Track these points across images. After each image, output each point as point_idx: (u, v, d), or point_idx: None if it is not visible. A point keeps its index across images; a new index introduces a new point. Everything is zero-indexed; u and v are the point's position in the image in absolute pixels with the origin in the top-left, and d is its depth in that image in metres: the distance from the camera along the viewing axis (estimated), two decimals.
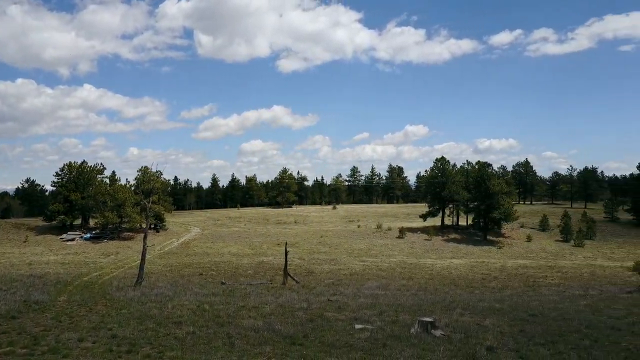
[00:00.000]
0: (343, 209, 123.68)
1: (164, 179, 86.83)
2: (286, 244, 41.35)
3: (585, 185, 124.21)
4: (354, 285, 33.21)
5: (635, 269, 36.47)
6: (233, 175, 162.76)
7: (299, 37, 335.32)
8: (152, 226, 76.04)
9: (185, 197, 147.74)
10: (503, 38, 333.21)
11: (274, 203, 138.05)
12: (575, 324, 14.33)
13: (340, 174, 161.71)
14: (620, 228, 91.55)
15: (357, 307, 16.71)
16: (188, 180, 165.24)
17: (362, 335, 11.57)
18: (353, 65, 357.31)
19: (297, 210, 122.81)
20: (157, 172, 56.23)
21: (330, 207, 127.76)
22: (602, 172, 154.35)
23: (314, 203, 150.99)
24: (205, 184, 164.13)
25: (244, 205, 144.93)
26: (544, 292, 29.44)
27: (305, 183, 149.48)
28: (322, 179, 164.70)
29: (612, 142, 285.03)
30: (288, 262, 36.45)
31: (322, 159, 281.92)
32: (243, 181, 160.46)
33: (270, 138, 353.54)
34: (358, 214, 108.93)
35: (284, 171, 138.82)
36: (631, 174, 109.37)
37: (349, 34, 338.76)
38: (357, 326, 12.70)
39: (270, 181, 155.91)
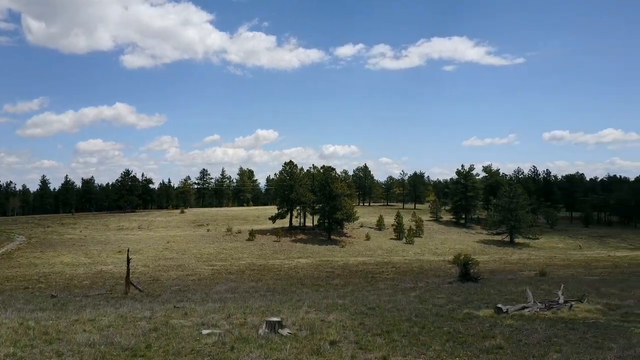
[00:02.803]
0: (192, 212, 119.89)
1: None
2: (128, 250, 38.79)
3: (415, 188, 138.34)
4: (202, 290, 32.42)
5: (454, 262, 41.47)
6: (67, 177, 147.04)
7: (146, 33, 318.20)
8: None
9: (7, 201, 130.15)
10: (347, 51, 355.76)
11: (115, 207, 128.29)
12: (406, 314, 15.83)
13: (189, 177, 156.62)
14: (442, 226, 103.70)
15: (205, 312, 16.36)
16: (11, 182, 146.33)
17: (209, 341, 11.38)
18: (204, 66, 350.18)
19: (141, 214, 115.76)
20: None
21: (178, 211, 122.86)
22: (428, 176, 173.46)
23: (160, 207, 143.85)
24: (33, 187, 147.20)
25: (80, 210, 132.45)
26: (381, 286, 31.97)
27: (151, 186, 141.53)
28: (170, 182, 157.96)
29: (435, 150, 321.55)
30: (131, 270, 34.18)
31: (170, 161, 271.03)
32: (79, 184, 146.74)
33: (111, 137, 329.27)
34: (207, 217, 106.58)
35: (127, 173, 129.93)
36: (451, 178, 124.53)
37: (199, 34, 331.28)
38: (205, 331, 12.44)
39: (111, 184, 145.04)
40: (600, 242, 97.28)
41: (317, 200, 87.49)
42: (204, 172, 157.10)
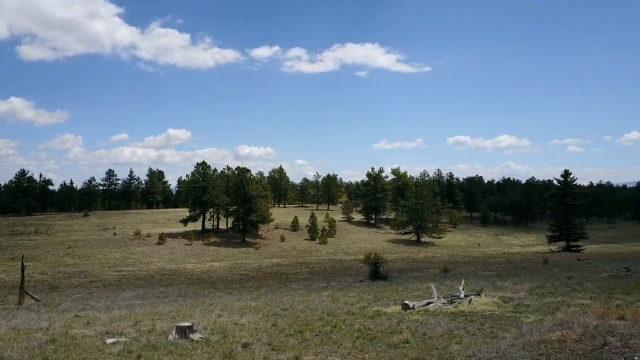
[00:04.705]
0: (97, 215, 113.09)
1: None
2: (23, 257, 35.79)
3: (328, 189, 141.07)
4: (107, 297, 30.66)
5: (365, 261, 42.83)
6: None
7: (47, 23, 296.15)
8: None
9: None
10: (263, 52, 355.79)
11: (8, 211, 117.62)
12: (319, 313, 16.09)
13: (93, 178, 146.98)
14: (354, 226, 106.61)
15: (110, 320, 15.54)
16: None
17: (114, 350, 10.83)
18: (112, 61, 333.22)
19: (39, 218, 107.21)
20: None
21: (81, 214, 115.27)
22: (341, 178, 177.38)
23: (61, 210, 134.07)
24: None
25: None
26: (295, 287, 32.17)
27: (50, 187, 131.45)
28: (72, 183, 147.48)
29: (348, 152, 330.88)
30: (26, 278, 31.55)
31: (73, 161, 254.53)
32: None
33: (5, 134, 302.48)
34: (114, 220, 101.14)
35: (22, 173, 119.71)
36: (362, 180, 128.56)
37: (107, 27, 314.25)
38: (109, 340, 11.82)
39: (3, 185, 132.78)
40: (496, 240, 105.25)
41: (231, 202, 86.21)
42: (110, 173, 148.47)
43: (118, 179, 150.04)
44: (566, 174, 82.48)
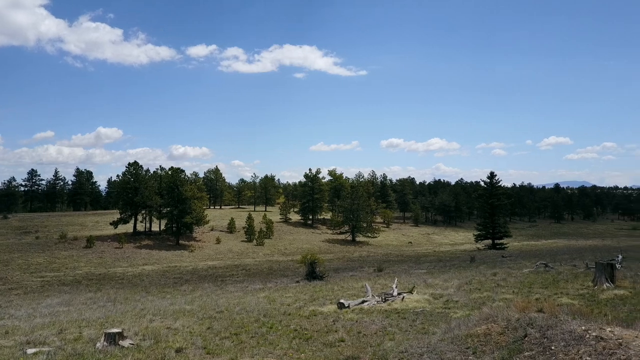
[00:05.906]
0: (17, 218, 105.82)
1: None
2: None
3: (266, 191, 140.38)
4: (29, 305, 28.81)
5: (302, 261, 43.00)
6: None
7: None
8: None
9: None
10: (199, 51, 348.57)
11: None
12: (255, 315, 16.02)
13: (14, 178, 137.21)
14: (291, 227, 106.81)
15: (31, 328, 14.67)
16: None
17: None
18: (36, 54, 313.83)
19: None
20: None
21: None
22: (278, 179, 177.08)
23: None
24: None
25: None
26: (231, 289, 31.76)
27: None
28: None
29: (285, 154, 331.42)
30: None
31: None
32: None
33: None
34: (37, 223, 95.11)
35: None
36: (300, 181, 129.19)
37: (31, 18, 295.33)
38: (30, 350, 11.16)
39: None
40: (427, 239, 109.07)
41: (164, 203, 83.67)
42: (32, 173, 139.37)
43: (42, 179, 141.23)
44: (492, 175, 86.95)
